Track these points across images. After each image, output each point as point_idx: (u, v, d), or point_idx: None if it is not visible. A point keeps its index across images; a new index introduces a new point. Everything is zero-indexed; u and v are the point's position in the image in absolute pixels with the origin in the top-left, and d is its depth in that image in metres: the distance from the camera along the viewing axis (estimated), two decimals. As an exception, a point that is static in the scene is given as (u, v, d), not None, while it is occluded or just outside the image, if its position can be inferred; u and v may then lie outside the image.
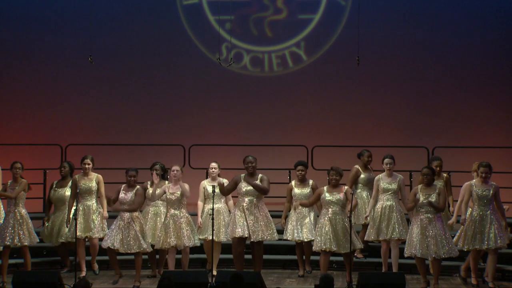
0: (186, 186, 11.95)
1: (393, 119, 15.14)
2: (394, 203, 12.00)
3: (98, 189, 12.29)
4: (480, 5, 15.03)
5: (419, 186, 11.56)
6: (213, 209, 11.81)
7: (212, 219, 11.75)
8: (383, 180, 12.08)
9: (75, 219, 11.73)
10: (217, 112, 15.27)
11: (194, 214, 12.29)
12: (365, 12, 14.57)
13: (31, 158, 13.93)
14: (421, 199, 11.45)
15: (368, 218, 12.09)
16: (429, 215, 11.47)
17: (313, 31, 15.29)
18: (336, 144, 14.47)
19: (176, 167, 12.06)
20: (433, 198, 11.42)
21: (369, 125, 15.11)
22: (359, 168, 12.61)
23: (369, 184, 12.39)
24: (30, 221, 12.11)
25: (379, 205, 12.05)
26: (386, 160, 12.11)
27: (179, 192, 11.93)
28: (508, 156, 14.36)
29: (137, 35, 15.29)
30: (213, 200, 11.89)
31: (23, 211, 12.06)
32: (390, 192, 12.04)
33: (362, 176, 12.53)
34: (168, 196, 11.94)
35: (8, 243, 11.97)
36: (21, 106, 15.34)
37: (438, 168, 12.13)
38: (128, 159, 13.95)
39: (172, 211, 11.97)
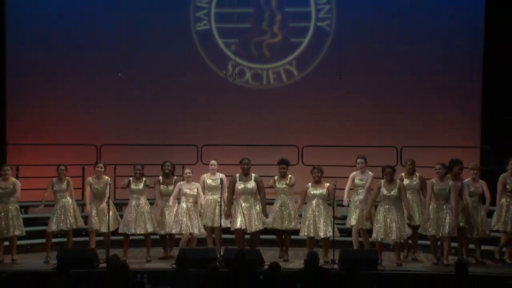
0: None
1: (369, 123, 15.13)
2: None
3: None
4: (443, 26, 15.01)
5: (382, 182, 11.61)
6: (221, 198, 11.88)
7: (220, 205, 11.80)
8: (356, 177, 12.06)
9: (108, 211, 11.77)
10: (224, 118, 15.28)
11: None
12: (345, 36, 14.77)
13: (71, 156, 14.02)
14: (385, 192, 11.58)
15: (347, 203, 12.10)
16: (389, 206, 11.62)
17: (303, 52, 15.32)
18: (323, 144, 14.47)
19: (188, 170, 12.12)
20: (395, 192, 11.57)
21: (349, 128, 15.09)
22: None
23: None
24: (77, 208, 12.21)
25: (356, 198, 12.01)
26: (358, 160, 12.09)
27: (195, 190, 12.04)
28: (465, 155, 14.33)
29: (159, 54, 15.27)
30: (221, 191, 11.92)
31: (70, 201, 12.18)
32: (362, 187, 12.00)
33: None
34: (188, 192, 11.93)
35: (63, 227, 12.03)
36: (64, 112, 15.35)
37: (461, 171, 11.75)
38: (151, 156, 13.93)
39: (188, 204, 11.97)
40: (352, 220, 12.04)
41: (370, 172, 12.13)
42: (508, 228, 11.66)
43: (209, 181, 12.22)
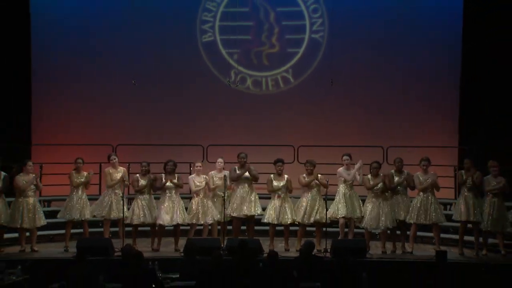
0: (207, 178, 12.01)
1: (358, 125, 15.07)
2: (352, 191, 11.89)
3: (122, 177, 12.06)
4: (424, 37, 14.95)
5: (369, 176, 11.64)
6: (225, 193, 11.90)
7: (224, 200, 11.84)
8: (343, 173, 11.96)
9: (122, 200, 11.76)
10: (228, 120, 15.22)
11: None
12: (336, 46, 14.81)
13: (90, 154, 13.91)
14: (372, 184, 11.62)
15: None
16: (376, 198, 11.62)
17: (298, 61, 15.26)
18: (316, 144, 14.42)
19: (198, 163, 12.13)
20: (380, 185, 11.55)
21: (340, 129, 15.01)
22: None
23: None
24: (88, 202, 12.17)
25: (341, 192, 11.90)
26: (344, 157, 11.98)
27: (203, 183, 11.99)
28: (444, 154, 14.38)
29: (168, 63, 15.24)
30: (225, 186, 11.90)
31: (84, 194, 12.15)
32: (348, 182, 11.88)
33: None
34: (197, 185, 11.95)
35: (76, 218, 12.02)
36: (83, 114, 15.27)
37: (468, 165, 11.62)
38: (161, 155, 13.78)
39: (198, 196, 11.96)
40: (338, 212, 11.88)
41: (357, 164, 12.00)
42: None
43: (215, 179, 12.14)
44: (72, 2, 15.26)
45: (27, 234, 12.00)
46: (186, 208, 12.09)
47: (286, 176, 12.01)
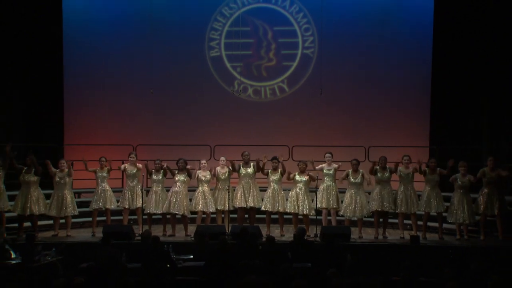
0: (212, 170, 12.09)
1: (343, 127, 15.10)
2: (332, 184, 11.97)
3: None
4: (402, 54, 14.98)
5: (350, 171, 11.70)
6: (229, 186, 11.97)
7: (229, 193, 11.92)
8: (325, 168, 12.04)
9: (142, 191, 11.84)
10: (232, 124, 15.23)
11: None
12: (325, 61, 14.85)
13: (114, 153, 13.96)
14: (351, 180, 11.68)
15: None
16: (356, 189, 11.66)
17: (293, 73, 15.29)
18: (308, 144, 14.45)
19: (203, 161, 12.21)
20: (359, 180, 11.62)
21: (328, 132, 15.05)
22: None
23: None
24: (112, 193, 12.30)
25: (323, 185, 11.97)
26: (327, 155, 12.10)
27: (208, 176, 12.08)
28: (417, 153, 14.30)
29: (181, 75, 15.27)
30: (229, 181, 12.01)
31: (108, 186, 12.27)
32: (329, 176, 11.98)
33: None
34: (203, 179, 12.01)
35: (101, 207, 12.17)
36: (107, 119, 15.31)
37: (433, 164, 11.67)
38: (175, 153, 13.78)
39: (201, 187, 12.04)
40: (320, 203, 11.94)
41: (335, 164, 12.09)
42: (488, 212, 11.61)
43: (219, 174, 12.18)
44: (100, 23, 15.26)
45: (62, 221, 12.12)
46: (191, 200, 12.15)
47: (280, 170, 12.07)
